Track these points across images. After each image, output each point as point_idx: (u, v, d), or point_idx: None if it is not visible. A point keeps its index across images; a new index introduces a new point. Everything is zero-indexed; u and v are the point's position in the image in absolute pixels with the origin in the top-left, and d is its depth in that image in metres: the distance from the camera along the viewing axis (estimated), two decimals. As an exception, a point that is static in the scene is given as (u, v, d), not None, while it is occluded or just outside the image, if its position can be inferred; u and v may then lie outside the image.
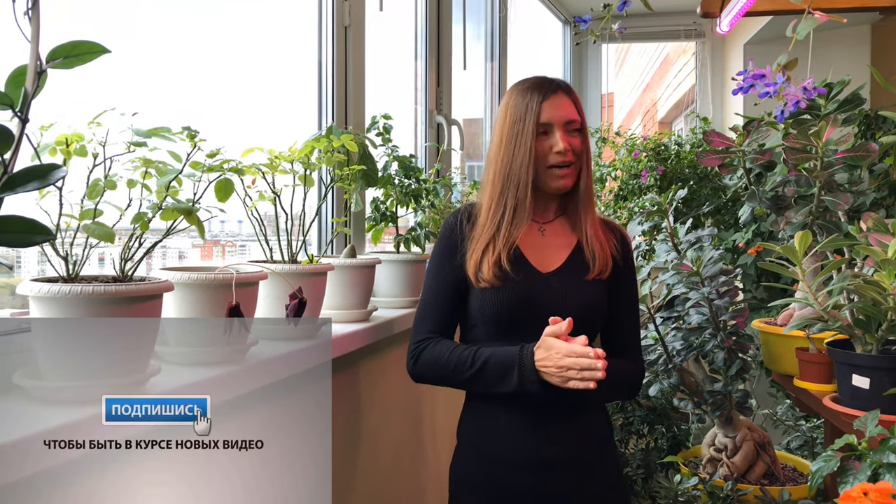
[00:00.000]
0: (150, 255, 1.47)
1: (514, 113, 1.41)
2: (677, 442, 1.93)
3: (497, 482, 1.41)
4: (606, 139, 3.69)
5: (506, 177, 1.41)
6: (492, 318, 1.42)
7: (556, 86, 1.42)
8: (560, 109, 1.40)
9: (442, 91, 2.47)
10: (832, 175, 1.62)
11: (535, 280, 1.42)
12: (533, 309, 1.40)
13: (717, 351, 1.68)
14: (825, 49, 2.65)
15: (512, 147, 1.40)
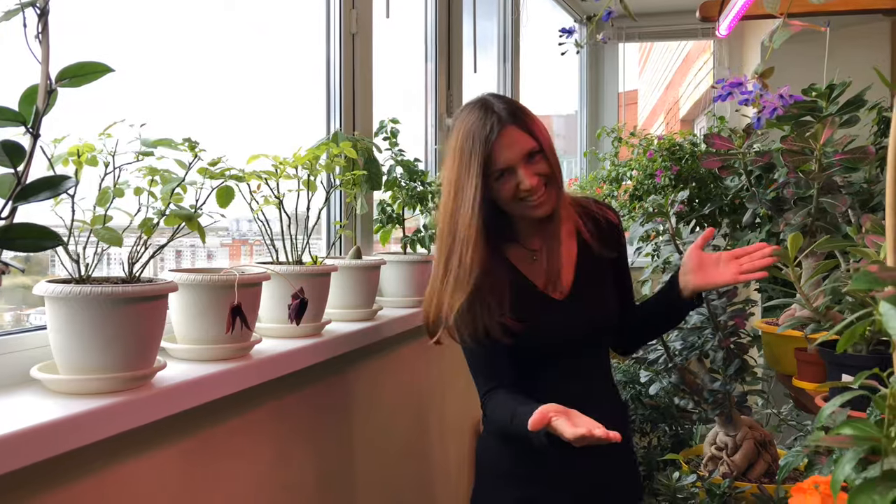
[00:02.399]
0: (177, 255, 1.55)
1: (461, 164, 1.31)
2: (680, 440, 1.96)
3: (524, 464, 1.41)
4: (622, 139, 3.71)
5: (451, 234, 1.33)
6: (522, 356, 1.39)
7: (500, 119, 1.30)
8: (515, 146, 1.30)
9: (452, 94, 2.52)
10: (831, 177, 1.63)
11: (554, 310, 1.40)
12: (562, 337, 1.40)
13: (716, 350, 1.71)
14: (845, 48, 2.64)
15: (456, 203, 1.32)
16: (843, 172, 1.63)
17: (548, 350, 1.41)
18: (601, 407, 1.41)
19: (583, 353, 1.44)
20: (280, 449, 1.38)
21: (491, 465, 1.48)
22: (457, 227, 1.32)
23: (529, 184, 1.31)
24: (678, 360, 1.76)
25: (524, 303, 1.38)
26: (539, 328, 1.38)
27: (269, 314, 1.39)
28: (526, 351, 1.40)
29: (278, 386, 1.33)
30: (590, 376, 1.45)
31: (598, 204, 1.52)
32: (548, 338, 1.40)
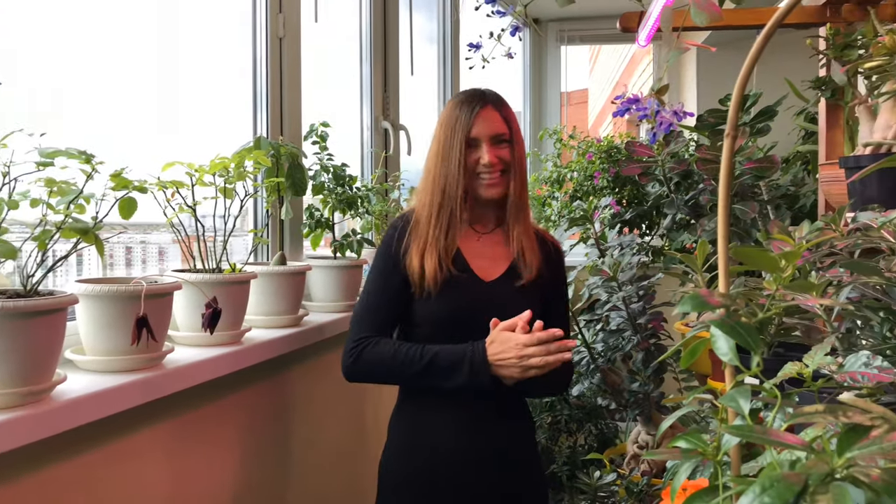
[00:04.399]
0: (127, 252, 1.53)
1: (448, 126, 1.49)
2: (605, 439, 2.01)
3: (429, 478, 1.47)
4: (563, 141, 3.76)
5: (442, 187, 1.49)
6: (435, 323, 1.48)
7: (486, 100, 1.49)
8: (488, 123, 1.47)
9: (388, 96, 2.52)
10: (743, 183, 1.70)
11: (478, 287, 1.50)
12: (475, 316, 1.46)
13: (636, 352, 1.76)
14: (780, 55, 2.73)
15: (445, 159, 1.48)
16: (753, 180, 1.69)
17: (458, 322, 1.45)
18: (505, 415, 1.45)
19: None
20: (201, 458, 1.38)
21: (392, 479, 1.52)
22: (446, 184, 1.47)
23: (489, 159, 1.46)
24: (600, 362, 1.81)
25: (453, 275, 1.46)
26: (456, 290, 1.45)
27: (187, 322, 1.38)
28: (438, 325, 1.45)
29: (199, 394, 1.33)
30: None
31: (548, 234, 1.64)
32: (461, 305, 1.45)
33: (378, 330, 1.49)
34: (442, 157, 1.49)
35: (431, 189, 1.50)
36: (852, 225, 1.30)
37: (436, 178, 1.49)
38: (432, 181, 1.50)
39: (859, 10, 1.65)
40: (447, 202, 1.48)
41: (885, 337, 1.10)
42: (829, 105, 1.67)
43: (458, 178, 1.47)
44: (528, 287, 1.50)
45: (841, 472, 0.45)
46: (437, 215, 1.49)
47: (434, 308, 1.47)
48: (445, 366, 1.40)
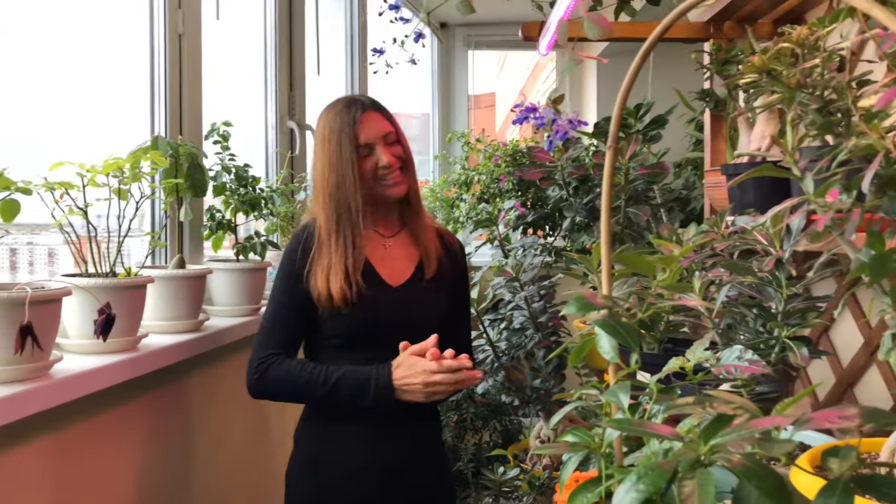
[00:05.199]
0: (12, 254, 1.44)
1: (332, 138, 1.46)
2: (510, 436, 2.06)
3: (335, 489, 1.46)
4: (471, 144, 3.83)
5: (338, 199, 1.45)
6: (344, 334, 1.47)
7: (363, 105, 1.48)
8: (375, 125, 1.47)
9: (294, 96, 2.49)
10: (636, 188, 1.79)
11: (387, 295, 1.48)
12: (385, 323, 1.47)
13: (538, 350, 1.82)
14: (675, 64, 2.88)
15: (337, 171, 1.45)
16: (645, 185, 1.79)
17: (369, 333, 1.45)
18: (415, 417, 1.47)
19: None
20: (95, 471, 1.32)
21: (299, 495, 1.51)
22: (342, 196, 1.44)
23: (387, 160, 1.45)
24: (504, 360, 1.86)
25: (365, 279, 1.44)
26: (366, 304, 1.43)
27: (78, 329, 1.32)
28: (349, 338, 1.45)
29: (93, 403, 1.27)
30: None
31: (447, 231, 1.65)
32: (371, 317, 1.44)
33: (284, 346, 1.47)
34: (332, 169, 1.45)
35: (326, 204, 1.46)
36: (731, 228, 1.40)
37: (329, 193, 1.45)
38: (326, 196, 1.46)
39: (739, 28, 1.78)
40: (346, 214, 1.45)
41: (758, 332, 1.19)
42: (713, 116, 1.79)
43: (354, 187, 1.44)
44: (434, 283, 1.51)
45: (707, 458, 0.50)
46: (336, 231, 1.45)
47: (344, 324, 1.45)
48: (350, 389, 1.39)
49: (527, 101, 1.08)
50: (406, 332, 1.47)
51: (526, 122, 1.08)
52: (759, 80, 0.92)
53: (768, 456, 0.46)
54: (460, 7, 1.14)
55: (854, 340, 1.61)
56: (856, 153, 0.70)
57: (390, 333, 1.46)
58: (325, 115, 1.51)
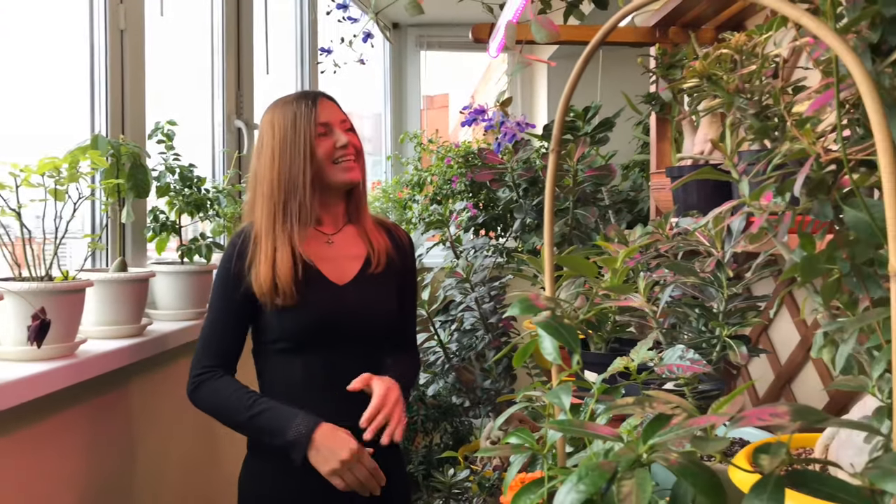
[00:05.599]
0: None
1: (285, 123, 1.44)
2: (460, 437, 2.07)
3: (290, 496, 1.43)
4: (423, 145, 3.83)
5: (285, 186, 1.43)
6: (291, 336, 1.43)
7: (319, 94, 1.49)
8: (334, 111, 1.48)
9: (242, 94, 2.45)
10: (584, 190, 1.81)
11: (332, 293, 1.45)
12: (332, 324, 1.44)
13: (488, 351, 1.83)
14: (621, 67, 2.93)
15: (288, 155, 1.43)
16: (593, 187, 1.81)
17: (316, 335, 1.43)
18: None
19: (354, 350, 1.46)
20: (32, 482, 1.27)
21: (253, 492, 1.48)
22: (291, 183, 1.42)
23: (346, 140, 1.44)
24: (455, 361, 1.86)
25: (305, 280, 1.41)
26: (311, 305, 1.41)
27: (13, 336, 1.27)
28: (294, 338, 1.42)
29: (28, 412, 1.22)
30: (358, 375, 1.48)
31: (395, 225, 1.63)
32: (319, 317, 1.42)
33: (223, 357, 1.45)
34: (283, 154, 1.43)
35: (270, 194, 1.44)
36: (675, 229, 1.43)
37: (274, 181, 1.43)
38: (270, 186, 1.44)
39: (683, 33, 1.82)
40: (294, 199, 1.42)
41: (701, 331, 1.22)
42: (659, 119, 1.83)
43: (305, 172, 1.42)
44: (383, 279, 1.50)
45: (645, 457, 0.50)
46: (283, 221, 1.42)
47: (289, 326, 1.42)
48: (266, 427, 1.36)
49: (475, 104, 1.09)
50: (354, 333, 1.45)
51: (474, 123, 1.09)
52: (701, 84, 0.94)
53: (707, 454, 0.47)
54: (409, 8, 1.13)
55: (791, 338, 1.66)
56: (790, 157, 0.72)
57: (338, 334, 1.44)
58: (273, 108, 1.50)
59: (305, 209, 1.43)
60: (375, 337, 1.50)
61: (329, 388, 1.43)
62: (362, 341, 1.47)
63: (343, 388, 1.43)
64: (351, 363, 1.45)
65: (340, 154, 1.45)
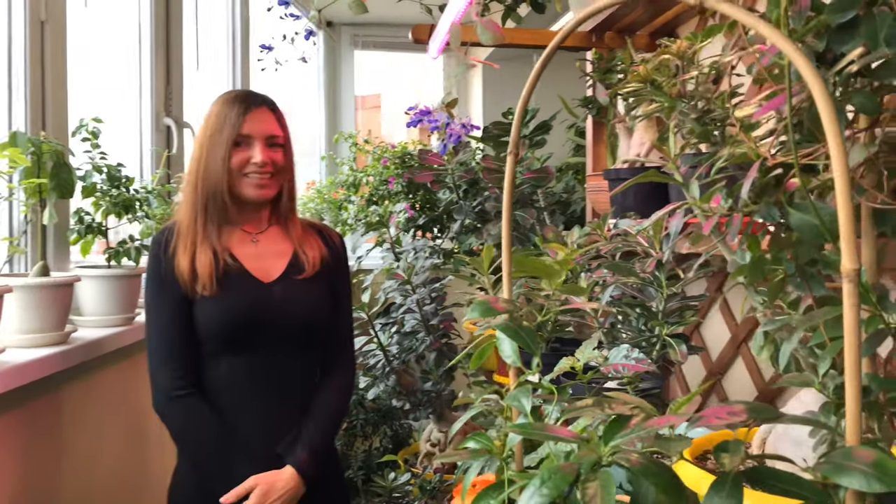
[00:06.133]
0: None
1: (215, 124, 1.41)
2: (400, 440, 2.05)
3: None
4: (358, 145, 3.79)
5: (205, 188, 1.42)
6: (217, 334, 1.40)
7: (259, 100, 1.44)
8: (262, 124, 1.42)
9: (172, 90, 2.36)
10: (522, 192, 1.83)
11: (258, 291, 1.43)
12: (259, 321, 1.41)
13: (429, 353, 1.82)
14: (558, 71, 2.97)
15: (209, 157, 1.41)
16: (532, 189, 1.83)
17: (240, 331, 1.39)
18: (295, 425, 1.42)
19: (281, 353, 1.43)
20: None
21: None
22: (210, 183, 1.40)
23: (262, 158, 1.40)
24: (395, 364, 1.84)
25: (226, 273, 1.40)
26: (237, 303, 1.39)
27: (-78, 345, 1.18)
28: (219, 336, 1.39)
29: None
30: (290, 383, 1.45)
31: (325, 226, 1.61)
32: (242, 312, 1.39)
33: (185, 361, 1.40)
34: (206, 156, 1.42)
35: (194, 192, 1.43)
36: (614, 231, 1.46)
37: (198, 181, 1.42)
38: (195, 184, 1.43)
39: (619, 38, 1.86)
40: (212, 202, 1.42)
41: (641, 330, 1.25)
42: (595, 122, 1.86)
43: (221, 178, 1.40)
44: (312, 279, 1.47)
45: (607, 459, 0.50)
46: (203, 215, 1.42)
47: (212, 314, 1.39)
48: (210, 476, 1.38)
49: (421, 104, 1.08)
50: (280, 333, 1.42)
51: (420, 124, 1.08)
52: (643, 88, 0.96)
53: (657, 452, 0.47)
54: (353, 6, 1.11)
55: (722, 336, 1.72)
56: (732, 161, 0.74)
57: (263, 334, 1.41)
58: (217, 101, 1.47)
59: (225, 212, 1.43)
60: (303, 339, 1.47)
61: (254, 393, 1.41)
62: (289, 343, 1.44)
63: (269, 394, 1.41)
64: (278, 367, 1.43)
65: (252, 170, 1.42)
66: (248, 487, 1.35)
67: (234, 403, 1.41)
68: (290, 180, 1.50)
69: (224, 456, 1.38)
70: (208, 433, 1.39)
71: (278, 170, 1.44)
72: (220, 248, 1.41)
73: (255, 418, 1.41)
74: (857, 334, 0.45)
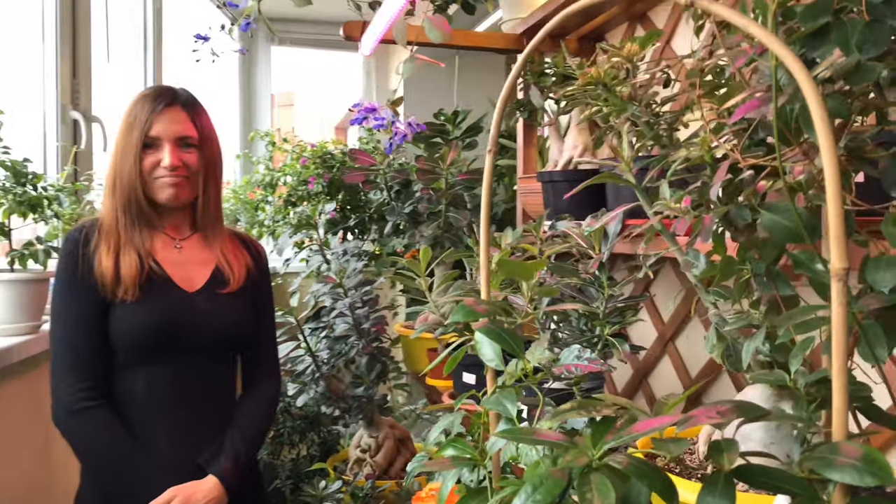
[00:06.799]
0: None
1: (126, 123, 1.35)
2: (329, 447, 2.00)
3: None
4: (276, 144, 3.68)
5: (124, 187, 1.35)
6: (138, 342, 1.32)
7: (175, 99, 1.36)
8: (173, 124, 1.35)
9: (79, 83, 2.21)
10: (456, 193, 1.82)
11: (180, 300, 1.36)
12: (181, 331, 1.34)
13: (360, 357, 1.78)
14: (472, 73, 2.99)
15: (122, 158, 1.34)
16: (464, 190, 1.83)
17: (161, 340, 1.32)
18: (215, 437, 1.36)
19: (201, 365, 1.37)
20: None
21: None
22: (127, 185, 1.34)
23: (170, 162, 1.33)
24: (325, 370, 1.80)
25: (150, 279, 1.33)
26: (158, 310, 1.32)
27: None
28: (139, 344, 1.31)
29: None
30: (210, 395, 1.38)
31: (248, 236, 1.56)
32: (164, 321, 1.32)
33: (93, 372, 1.31)
34: (120, 157, 1.35)
35: (113, 193, 1.36)
36: (550, 232, 1.47)
37: (116, 182, 1.35)
38: (114, 185, 1.36)
39: (549, 42, 1.89)
40: (133, 205, 1.35)
41: (582, 330, 1.26)
42: (526, 125, 1.88)
43: (135, 181, 1.34)
44: (238, 294, 1.42)
45: (596, 463, 0.50)
46: (125, 216, 1.35)
47: (133, 320, 1.31)
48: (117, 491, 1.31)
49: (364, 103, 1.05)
50: (202, 344, 1.36)
51: (365, 122, 1.05)
52: (593, 91, 0.96)
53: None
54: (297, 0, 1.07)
55: (649, 334, 1.77)
56: (692, 163, 0.76)
57: (184, 345, 1.34)
58: (135, 97, 1.39)
59: (144, 214, 1.36)
60: (225, 350, 1.42)
61: (172, 405, 1.34)
62: (210, 354, 1.38)
63: (188, 406, 1.35)
64: (198, 378, 1.37)
65: (162, 174, 1.35)
66: (166, 500, 1.27)
67: (150, 416, 1.33)
68: (213, 185, 1.42)
69: (136, 473, 1.29)
70: (117, 448, 1.30)
71: (192, 172, 1.37)
72: (145, 252, 1.34)
73: (172, 431, 1.34)
74: (845, 332, 0.46)
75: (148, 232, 1.36)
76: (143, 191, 1.34)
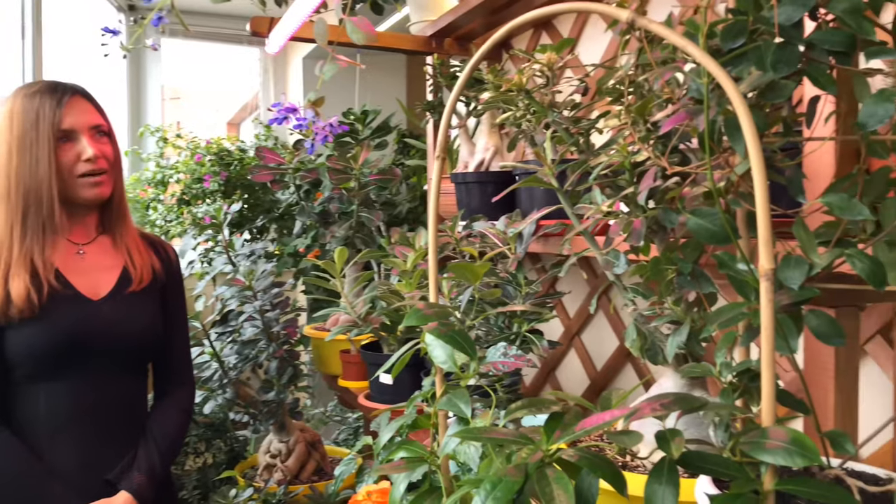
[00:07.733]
0: None
1: (25, 121, 1.24)
2: (235, 455, 1.95)
3: None
4: (168, 140, 3.52)
5: (26, 194, 1.24)
6: (38, 359, 1.23)
7: (72, 89, 1.29)
8: (84, 114, 1.28)
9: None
10: (368, 193, 1.82)
11: (84, 310, 1.28)
12: (86, 342, 1.26)
13: (270, 361, 1.74)
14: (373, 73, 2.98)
15: (28, 161, 1.23)
16: (376, 190, 1.83)
17: (63, 355, 1.25)
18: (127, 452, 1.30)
19: (108, 376, 1.30)
20: None
21: None
22: (33, 184, 1.23)
23: (93, 152, 1.26)
24: (233, 375, 1.74)
25: (50, 293, 1.24)
26: (60, 322, 1.24)
27: None
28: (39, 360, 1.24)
29: None
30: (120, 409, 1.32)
31: (159, 239, 1.49)
32: (67, 335, 1.25)
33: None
34: (21, 158, 1.24)
35: (8, 196, 1.24)
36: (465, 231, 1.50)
37: (12, 188, 1.24)
38: (7, 193, 1.24)
39: (457, 46, 1.92)
40: (35, 207, 1.24)
41: (500, 328, 1.30)
42: (437, 126, 1.90)
43: (50, 181, 1.24)
44: (144, 294, 1.36)
45: (549, 459, 0.52)
46: (22, 225, 1.24)
47: (31, 338, 1.23)
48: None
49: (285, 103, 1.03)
50: (112, 354, 1.30)
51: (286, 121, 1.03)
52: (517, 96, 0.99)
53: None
54: (213, -7, 1.03)
55: (556, 330, 1.84)
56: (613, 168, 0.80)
57: (89, 357, 1.27)
58: (14, 96, 1.28)
59: (51, 223, 1.26)
60: (135, 360, 1.36)
61: (78, 421, 1.26)
62: (119, 365, 1.32)
63: (96, 422, 1.28)
64: (106, 392, 1.30)
65: (86, 168, 1.27)
66: None
67: (53, 434, 1.25)
68: (121, 180, 1.36)
69: (42, 495, 1.21)
70: (20, 471, 1.21)
71: (111, 164, 1.31)
72: (43, 265, 1.24)
73: (79, 449, 1.26)
74: (772, 326, 0.50)
75: (50, 240, 1.26)
76: (59, 191, 1.25)
